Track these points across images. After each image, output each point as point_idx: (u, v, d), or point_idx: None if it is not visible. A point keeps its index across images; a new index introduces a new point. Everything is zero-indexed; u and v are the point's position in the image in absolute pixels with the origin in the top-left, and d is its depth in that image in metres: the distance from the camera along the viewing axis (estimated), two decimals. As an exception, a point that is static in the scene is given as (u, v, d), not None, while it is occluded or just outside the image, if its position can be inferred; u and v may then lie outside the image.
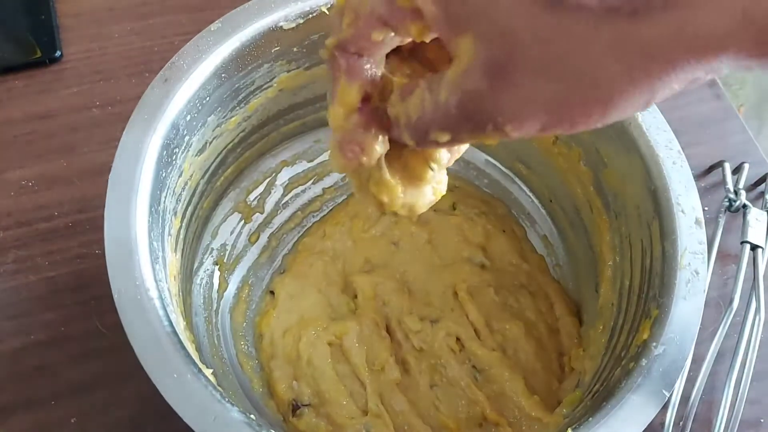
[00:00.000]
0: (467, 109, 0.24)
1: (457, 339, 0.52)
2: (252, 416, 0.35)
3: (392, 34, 0.27)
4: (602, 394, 0.39)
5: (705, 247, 0.41)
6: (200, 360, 0.38)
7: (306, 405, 0.49)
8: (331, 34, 0.28)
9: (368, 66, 0.29)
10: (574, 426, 0.37)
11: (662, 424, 0.49)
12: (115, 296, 0.36)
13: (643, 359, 0.38)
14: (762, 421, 0.52)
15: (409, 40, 0.29)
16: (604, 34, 0.21)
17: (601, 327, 0.47)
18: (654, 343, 0.38)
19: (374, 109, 0.29)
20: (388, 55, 0.29)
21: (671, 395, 0.50)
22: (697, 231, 0.42)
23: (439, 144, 0.26)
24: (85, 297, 0.53)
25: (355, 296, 0.54)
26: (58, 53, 0.63)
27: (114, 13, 0.67)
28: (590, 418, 0.36)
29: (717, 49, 0.20)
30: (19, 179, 0.58)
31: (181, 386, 0.34)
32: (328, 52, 0.29)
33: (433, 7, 0.24)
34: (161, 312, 0.36)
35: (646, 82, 0.22)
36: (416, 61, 0.30)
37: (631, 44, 0.21)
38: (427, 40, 0.27)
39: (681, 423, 0.50)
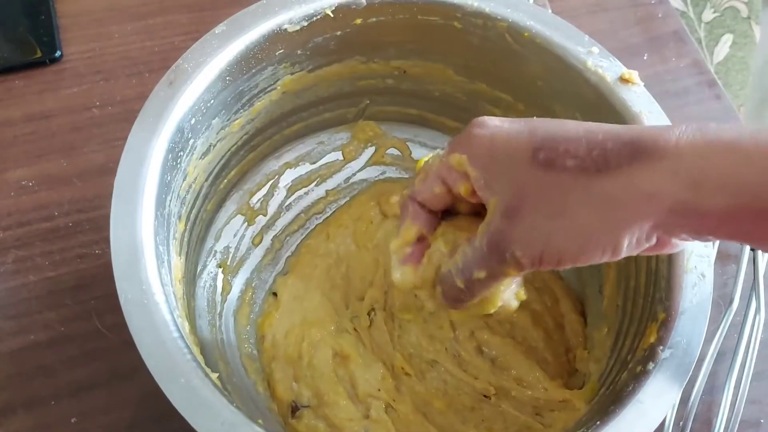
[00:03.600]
0: (492, 243, 0.33)
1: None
2: (260, 421, 0.35)
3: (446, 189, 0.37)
4: (609, 398, 0.39)
5: (711, 250, 0.41)
6: (205, 363, 0.38)
7: (305, 406, 0.49)
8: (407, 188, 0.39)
9: (426, 217, 0.39)
10: (582, 429, 0.37)
11: (662, 424, 0.49)
12: (122, 301, 0.36)
13: (650, 363, 0.38)
14: (762, 421, 0.52)
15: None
16: (579, 185, 0.31)
17: (606, 329, 0.47)
18: (661, 347, 0.38)
19: (423, 247, 0.39)
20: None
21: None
22: None
23: (480, 283, 0.35)
24: (85, 297, 0.53)
25: (362, 298, 0.54)
26: (58, 53, 0.63)
27: (114, 13, 0.67)
28: (598, 422, 0.36)
29: (659, 201, 0.29)
30: (19, 179, 0.57)
31: (189, 392, 0.34)
32: (403, 199, 0.39)
33: (475, 171, 0.34)
34: (168, 317, 0.36)
35: (612, 228, 0.31)
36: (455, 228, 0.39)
37: (596, 193, 0.30)
38: (472, 200, 0.36)
39: (681, 423, 0.50)
